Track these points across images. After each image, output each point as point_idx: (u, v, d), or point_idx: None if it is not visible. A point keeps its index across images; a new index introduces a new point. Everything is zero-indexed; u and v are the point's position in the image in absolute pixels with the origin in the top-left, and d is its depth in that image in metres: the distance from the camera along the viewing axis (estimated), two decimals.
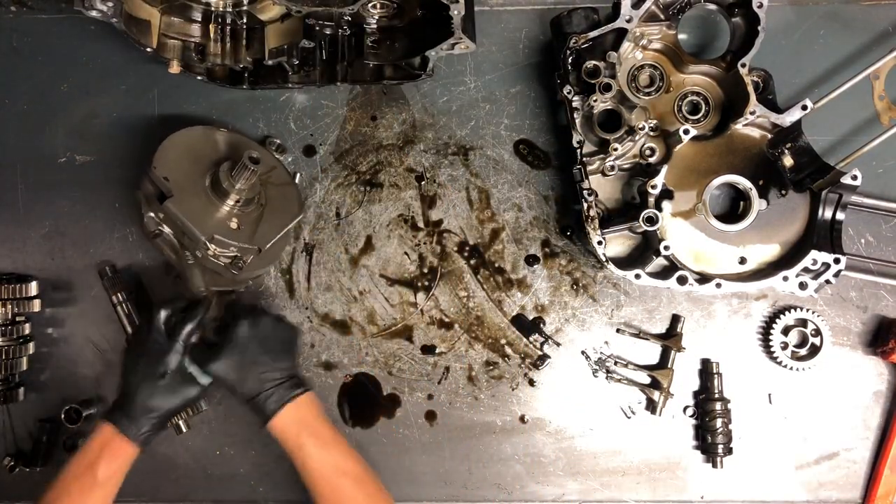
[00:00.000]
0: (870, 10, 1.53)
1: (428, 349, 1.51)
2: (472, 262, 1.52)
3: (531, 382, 1.51)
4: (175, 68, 1.40)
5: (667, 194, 1.36)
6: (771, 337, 1.47)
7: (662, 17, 1.39)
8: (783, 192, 1.39)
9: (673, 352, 1.47)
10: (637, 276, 1.34)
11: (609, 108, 1.39)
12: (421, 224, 1.53)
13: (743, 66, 1.34)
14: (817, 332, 1.47)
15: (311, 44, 1.41)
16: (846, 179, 1.30)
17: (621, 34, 1.36)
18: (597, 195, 1.39)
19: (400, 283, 1.52)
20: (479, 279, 1.52)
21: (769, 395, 1.49)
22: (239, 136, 1.44)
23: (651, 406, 1.48)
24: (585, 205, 1.35)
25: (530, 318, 1.51)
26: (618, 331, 1.50)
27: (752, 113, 1.34)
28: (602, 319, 1.51)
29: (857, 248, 1.49)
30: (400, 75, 1.51)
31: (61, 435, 1.49)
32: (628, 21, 1.35)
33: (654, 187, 1.33)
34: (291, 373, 1.30)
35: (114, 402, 1.27)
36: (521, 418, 1.50)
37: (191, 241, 1.29)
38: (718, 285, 1.33)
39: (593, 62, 1.37)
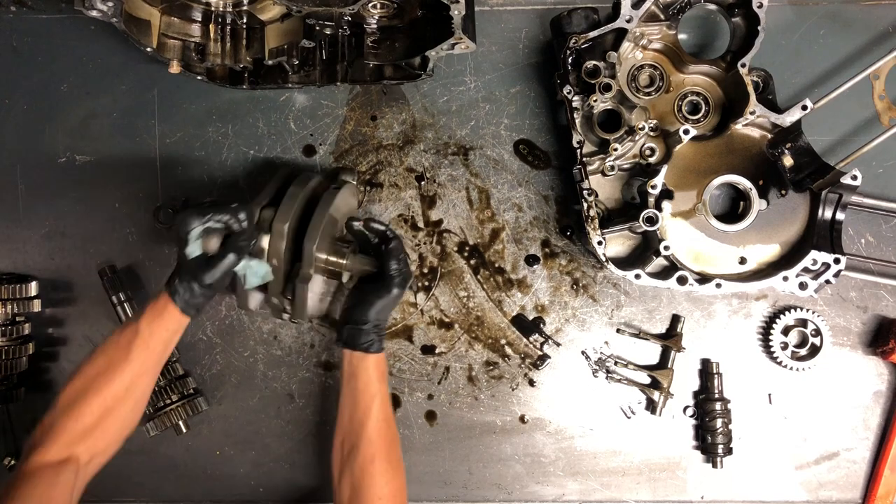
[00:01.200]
0: (870, 10, 1.53)
1: (428, 349, 1.51)
2: (472, 262, 1.52)
3: (531, 382, 1.51)
4: (175, 68, 1.40)
5: (667, 194, 1.36)
6: (771, 337, 1.47)
7: (662, 17, 1.39)
8: (783, 192, 1.39)
9: (673, 352, 1.47)
10: (637, 276, 1.34)
11: (609, 108, 1.39)
12: (421, 224, 1.53)
13: (743, 66, 1.34)
14: (817, 332, 1.47)
15: (311, 44, 1.41)
16: (846, 179, 1.30)
17: (621, 34, 1.36)
18: (597, 195, 1.39)
19: None
20: (479, 279, 1.52)
21: (769, 395, 1.49)
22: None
23: (651, 406, 1.48)
24: (585, 205, 1.35)
25: (530, 318, 1.51)
26: (618, 331, 1.51)
27: (752, 113, 1.34)
28: (602, 319, 1.51)
29: (857, 248, 1.49)
30: (400, 75, 1.51)
31: None
32: (628, 21, 1.35)
33: (654, 187, 1.33)
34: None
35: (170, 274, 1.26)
36: (521, 418, 1.50)
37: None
38: (718, 285, 1.33)
39: (593, 62, 1.38)
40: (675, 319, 1.49)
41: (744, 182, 1.39)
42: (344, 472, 1.26)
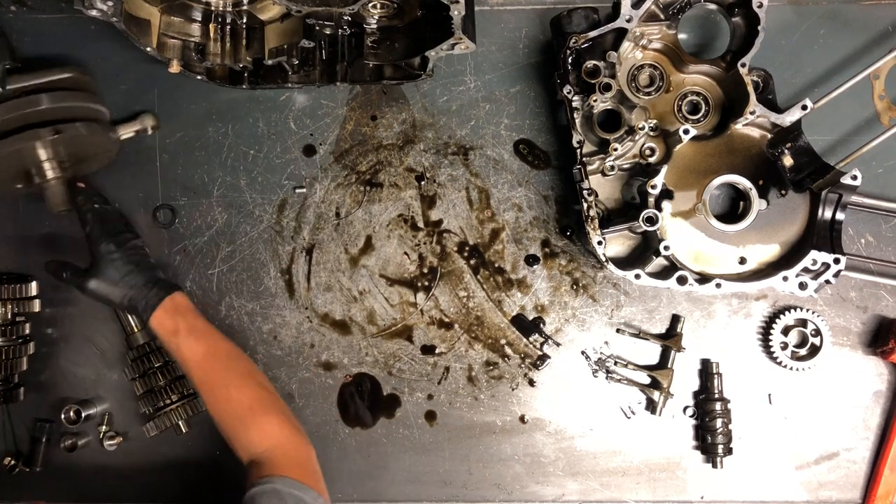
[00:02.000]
0: (870, 10, 1.53)
1: (428, 349, 1.52)
2: (472, 262, 1.52)
3: (531, 382, 1.51)
4: (175, 68, 1.40)
5: (667, 194, 1.36)
6: (771, 337, 1.47)
7: (662, 16, 1.39)
8: (783, 192, 1.39)
9: (673, 352, 1.47)
10: (637, 276, 1.34)
11: (609, 108, 1.39)
12: (421, 224, 1.53)
13: (743, 66, 1.34)
14: (817, 332, 1.47)
15: (311, 44, 1.41)
16: (846, 179, 1.30)
17: (621, 34, 1.36)
18: (597, 195, 1.39)
19: (400, 283, 1.52)
20: (478, 279, 1.52)
21: (769, 395, 1.49)
22: None
23: (651, 406, 1.48)
24: (585, 205, 1.35)
25: (530, 318, 1.51)
26: (618, 331, 1.50)
27: (752, 113, 1.34)
28: (602, 319, 1.51)
29: (857, 248, 1.49)
30: (400, 75, 1.51)
31: (61, 435, 1.49)
32: (628, 21, 1.35)
33: (654, 187, 1.33)
34: (157, 276, 1.37)
35: None
36: (521, 418, 1.50)
37: None
38: (718, 285, 1.33)
39: (593, 62, 1.38)
40: (675, 319, 1.49)
41: (744, 182, 1.39)
42: (220, 426, 1.28)
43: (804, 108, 1.34)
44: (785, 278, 1.33)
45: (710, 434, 1.45)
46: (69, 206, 1.39)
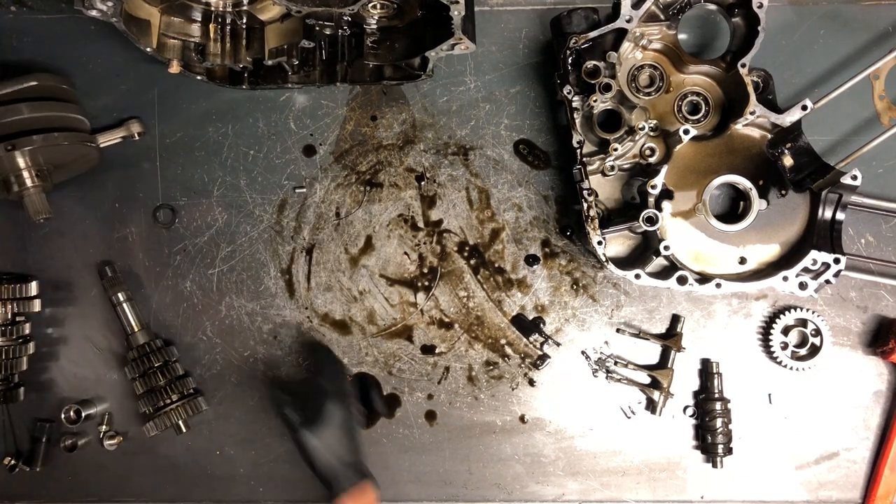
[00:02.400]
0: (870, 10, 1.53)
1: (428, 349, 1.52)
2: (472, 262, 1.52)
3: (531, 382, 1.51)
4: (175, 68, 1.40)
5: (667, 194, 1.36)
6: (771, 337, 1.47)
7: (662, 17, 1.39)
8: (783, 192, 1.39)
9: (673, 352, 1.47)
10: (637, 276, 1.34)
11: (609, 108, 1.39)
12: (421, 224, 1.53)
13: (743, 66, 1.34)
14: (817, 332, 1.47)
15: (311, 44, 1.41)
16: (846, 179, 1.30)
17: (621, 34, 1.36)
18: (597, 195, 1.39)
19: (400, 283, 1.52)
20: (479, 279, 1.52)
21: (769, 395, 1.49)
22: None
23: (651, 406, 1.48)
24: (585, 205, 1.35)
25: (530, 318, 1.51)
26: (618, 331, 1.51)
27: (752, 113, 1.34)
28: (602, 319, 1.51)
29: (857, 248, 1.49)
30: (400, 75, 1.51)
31: (61, 435, 1.49)
32: (628, 21, 1.35)
33: (654, 187, 1.33)
34: (360, 458, 1.37)
35: None
36: (521, 418, 1.50)
37: None
38: (718, 285, 1.33)
39: (593, 62, 1.38)
40: (675, 319, 1.49)
41: (744, 182, 1.39)
42: None
43: (804, 108, 1.34)
44: (785, 278, 1.33)
45: (710, 434, 1.45)
46: (50, 214, 1.39)
